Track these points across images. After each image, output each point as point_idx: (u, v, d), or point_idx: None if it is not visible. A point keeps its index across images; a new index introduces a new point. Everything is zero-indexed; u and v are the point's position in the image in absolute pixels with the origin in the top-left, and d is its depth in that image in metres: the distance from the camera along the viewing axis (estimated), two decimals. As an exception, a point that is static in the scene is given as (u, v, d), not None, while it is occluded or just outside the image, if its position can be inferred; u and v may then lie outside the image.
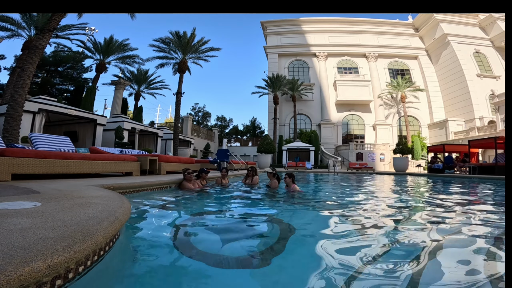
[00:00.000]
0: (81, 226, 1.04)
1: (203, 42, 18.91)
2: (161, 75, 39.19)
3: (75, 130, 12.98)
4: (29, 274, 0.66)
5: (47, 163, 3.68)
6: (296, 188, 4.39)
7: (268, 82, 26.71)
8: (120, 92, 22.44)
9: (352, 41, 31.87)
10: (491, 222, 2.51)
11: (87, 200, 1.76)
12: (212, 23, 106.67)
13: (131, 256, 1.48)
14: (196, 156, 21.31)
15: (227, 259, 1.41)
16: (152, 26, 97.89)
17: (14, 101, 7.68)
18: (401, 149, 18.65)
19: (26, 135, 8.61)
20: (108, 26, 78.95)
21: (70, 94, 24.92)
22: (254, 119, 43.94)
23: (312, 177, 11.12)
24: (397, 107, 29.54)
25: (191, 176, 4.55)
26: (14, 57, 22.36)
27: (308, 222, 2.61)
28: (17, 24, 15.88)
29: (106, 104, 32.07)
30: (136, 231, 2.01)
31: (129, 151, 6.66)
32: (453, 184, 7.70)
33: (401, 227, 2.25)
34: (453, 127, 26.09)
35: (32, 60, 8.12)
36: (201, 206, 3.33)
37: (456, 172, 13.29)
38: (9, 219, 1.12)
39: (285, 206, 3.44)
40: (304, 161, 22.16)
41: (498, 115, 21.34)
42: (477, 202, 4.21)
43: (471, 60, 27.86)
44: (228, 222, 2.38)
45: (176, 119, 18.20)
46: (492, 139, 11.98)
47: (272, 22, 33.57)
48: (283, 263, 1.43)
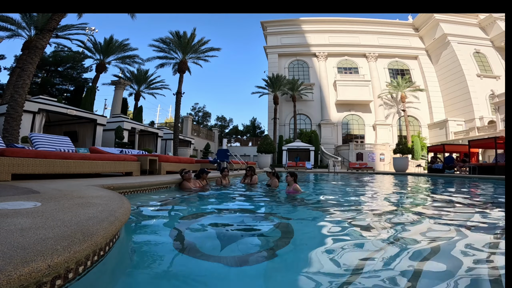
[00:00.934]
0: (81, 226, 1.04)
1: (203, 42, 18.91)
2: (161, 75, 39.19)
3: (75, 130, 12.97)
4: (29, 274, 0.66)
5: (47, 163, 3.68)
6: (297, 188, 4.37)
7: (268, 82, 26.71)
8: (120, 92, 22.43)
9: (352, 41, 31.88)
10: (491, 222, 2.52)
11: (87, 200, 1.76)
12: (212, 23, 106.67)
13: (131, 256, 1.48)
14: (196, 156, 21.30)
15: (227, 259, 1.41)
16: (152, 26, 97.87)
17: (14, 101, 7.68)
18: (401, 149, 18.64)
19: (26, 135, 8.60)
20: (108, 26, 79.09)
21: (70, 94, 24.91)
22: (254, 119, 44.01)
23: (312, 177, 11.12)
24: (397, 107, 29.54)
25: (190, 175, 4.54)
26: (14, 57, 22.38)
27: (308, 222, 2.61)
28: (17, 24, 15.87)
29: (106, 104, 32.11)
30: (136, 231, 2.01)
31: (129, 151, 6.66)
32: (453, 184, 7.70)
33: (401, 227, 2.25)
34: (453, 127, 26.10)
35: (32, 60, 8.12)
36: (201, 206, 3.33)
37: (456, 172, 13.29)
38: (9, 219, 1.12)
39: (285, 206, 3.44)
40: (304, 161, 22.16)
41: (498, 115, 21.34)
42: (477, 202, 4.21)
43: (471, 60, 27.86)
44: (228, 222, 2.38)
45: (176, 119, 18.20)
46: (492, 139, 11.98)
47: (272, 22, 33.57)
48: (283, 263, 1.43)
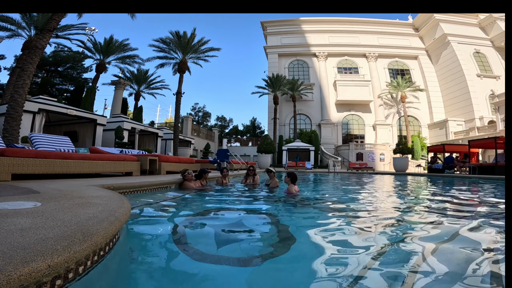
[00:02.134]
0: (81, 226, 1.04)
1: (203, 42, 18.92)
2: (161, 75, 39.22)
3: (75, 130, 12.97)
4: (29, 274, 0.66)
5: (47, 163, 3.68)
6: (291, 189, 4.30)
7: (268, 82, 26.71)
8: (120, 92, 22.44)
9: (352, 41, 31.89)
10: (491, 222, 2.51)
11: (87, 200, 1.76)
12: (212, 23, 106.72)
13: (131, 256, 1.48)
14: (196, 156, 21.29)
15: (228, 259, 1.41)
16: (152, 26, 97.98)
17: (14, 101, 7.68)
18: (401, 149, 18.64)
19: (26, 135, 8.61)
20: (108, 26, 79.01)
21: (70, 94, 24.92)
22: (254, 119, 44.03)
23: (312, 177, 11.12)
24: (397, 107, 29.55)
25: (191, 176, 4.55)
26: (14, 57, 22.40)
27: (308, 223, 2.61)
28: (17, 24, 15.87)
29: (106, 104, 32.12)
30: (136, 231, 2.01)
31: (129, 151, 6.66)
32: (453, 184, 7.70)
33: (400, 227, 2.25)
34: (453, 127, 26.11)
35: (32, 60, 8.12)
36: (202, 206, 3.33)
37: (456, 172, 13.29)
38: (9, 219, 1.12)
39: (285, 206, 3.44)
40: (304, 161, 22.16)
41: (498, 115, 21.34)
42: (477, 202, 4.21)
43: (471, 60, 27.87)
44: (229, 222, 2.37)
45: (176, 119, 18.20)
46: (492, 139, 11.98)
47: (272, 22, 33.58)
48: (283, 263, 1.43)
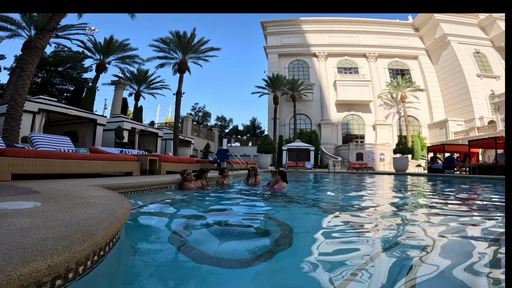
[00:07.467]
0: (81, 226, 1.04)
1: (203, 42, 18.92)
2: (161, 75, 39.22)
3: (75, 130, 12.98)
4: (29, 274, 0.66)
5: (47, 163, 3.68)
6: (281, 186, 4.49)
7: (268, 82, 26.71)
8: (120, 92, 22.44)
9: (352, 41, 31.89)
10: (491, 222, 2.51)
11: (87, 200, 1.76)
12: (212, 23, 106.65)
13: (131, 256, 1.48)
14: (196, 156, 21.29)
15: (228, 260, 1.41)
16: (152, 26, 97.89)
17: (14, 101, 7.68)
18: (401, 149, 18.64)
19: (26, 135, 8.61)
20: (108, 26, 78.89)
21: (70, 94, 24.92)
22: (254, 119, 44.05)
23: (312, 177, 11.12)
24: (397, 107, 29.55)
25: (191, 177, 4.55)
26: (14, 57, 22.38)
27: (308, 223, 2.61)
28: (17, 24, 15.88)
29: (106, 104, 32.15)
30: (136, 231, 2.01)
31: (129, 151, 6.66)
32: (453, 184, 7.69)
33: (400, 227, 2.25)
34: (453, 127, 26.11)
35: (32, 60, 8.12)
36: (202, 206, 3.33)
37: (456, 172, 13.28)
38: (9, 219, 1.12)
39: (285, 206, 3.44)
40: (304, 161, 22.17)
41: (498, 115, 21.34)
42: (477, 202, 4.21)
43: (471, 60, 27.87)
44: (229, 222, 2.37)
45: (176, 119, 18.20)
46: (492, 139, 11.97)
47: (272, 22, 33.58)
48: (283, 263, 1.43)
